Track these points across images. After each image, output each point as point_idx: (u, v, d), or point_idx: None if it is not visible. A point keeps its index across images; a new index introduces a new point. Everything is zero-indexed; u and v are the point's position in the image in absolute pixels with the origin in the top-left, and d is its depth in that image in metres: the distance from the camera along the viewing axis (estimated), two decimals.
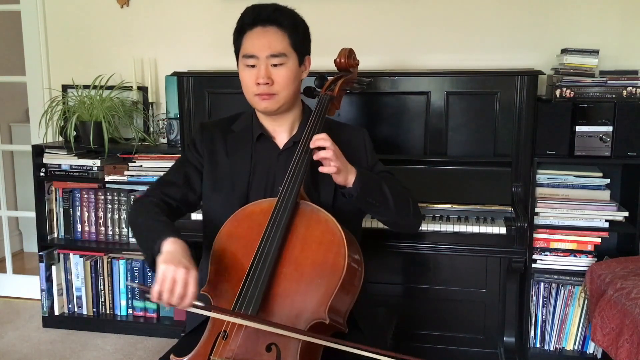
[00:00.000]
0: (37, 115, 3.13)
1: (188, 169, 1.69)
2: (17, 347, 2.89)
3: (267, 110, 1.60)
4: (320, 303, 1.37)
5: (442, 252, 2.37)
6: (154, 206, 1.56)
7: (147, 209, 1.55)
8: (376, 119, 2.57)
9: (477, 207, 2.40)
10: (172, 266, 1.30)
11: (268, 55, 1.55)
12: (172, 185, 1.65)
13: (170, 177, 1.68)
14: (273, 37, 1.56)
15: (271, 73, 1.56)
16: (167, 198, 1.62)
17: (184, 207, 1.68)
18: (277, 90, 1.57)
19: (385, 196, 1.57)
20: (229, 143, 1.68)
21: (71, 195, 3.04)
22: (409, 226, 1.69)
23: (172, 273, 1.29)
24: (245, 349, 1.36)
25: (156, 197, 1.61)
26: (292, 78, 1.58)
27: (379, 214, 1.62)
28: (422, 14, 2.81)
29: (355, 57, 1.77)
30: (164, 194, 1.62)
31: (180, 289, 1.28)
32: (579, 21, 2.69)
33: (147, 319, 3.03)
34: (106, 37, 3.14)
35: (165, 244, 1.38)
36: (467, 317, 2.68)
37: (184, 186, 1.66)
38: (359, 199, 1.52)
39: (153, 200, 1.59)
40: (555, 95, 2.47)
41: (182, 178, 1.67)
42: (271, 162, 1.65)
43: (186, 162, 1.70)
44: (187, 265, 1.32)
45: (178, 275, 1.29)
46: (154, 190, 1.64)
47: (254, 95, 1.59)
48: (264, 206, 1.51)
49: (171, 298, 1.29)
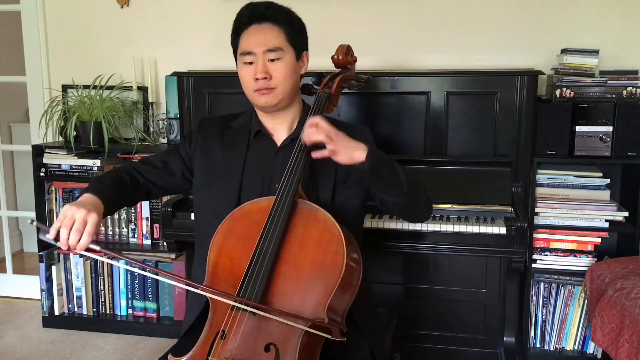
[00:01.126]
0: (37, 115, 3.13)
1: (171, 157, 1.74)
2: (17, 347, 2.89)
3: (267, 104, 1.60)
4: (319, 302, 1.37)
5: (442, 252, 2.37)
6: (114, 174, 1.65)
7: (108, 173, 1.66)
8: (376, 119, 2.57)
9: (477, 207, 2.40)
10: (75, 207, 1.39)
11: (264, 51, 1.57)
12: (149, 164, 1.72)
13: (152, 158, 1.75)
14: (269, 33, 1.58)
15: (269, 68, 1.57)
16: (136, 172, 1.69)
17: (154, 189, 1.73)
18: (275, 84, 1.58)
19: (398, 174, 1.52)
20: (225, 138, 1.69)
21: (71, 195, 3.04)
22: (420, 212, 1.64)
23: (72, 212, 1.38)
24: (243, 349, 1.36)
25: (125, 168, 1.69)
26: (290, 72, 1.59)
27: (393, 193, 1.54)
28: (422, 14, 2.81)
29: (353, 53, 1.76)
30: (136, 169, 1.70)
31: (78, 224, 1.36)
32: (579, 21, 2.69)
33: (147, 319, 3.03)
34: (106, 37, 3.14)
35: (83, 196, 1.49)
36: (467, 317, 2.68)
37: (160, 170, 1.71)
38: (372, 172, 1.47)
39: (121, 169, 1.68)
40: (555, 95, 2.47)
41: (162, 162, 1.72)
42: (268, 159, 1.65)
43: (174, 151, 1.75)
44: (89, 208, 1.40)
45: (77, 214, 1.37)
46: (129, 163, 1.74)
47: (253, 92, 1.60)
48: (262, 205, 1.50)
49: (69, 234, 1.35)
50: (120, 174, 1.65)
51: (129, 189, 1.65)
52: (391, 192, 1.54)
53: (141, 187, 1.69)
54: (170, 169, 1.72)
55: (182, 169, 1.72)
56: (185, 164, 1.72)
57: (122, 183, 1.63)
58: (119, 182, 1.62)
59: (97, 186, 1.54)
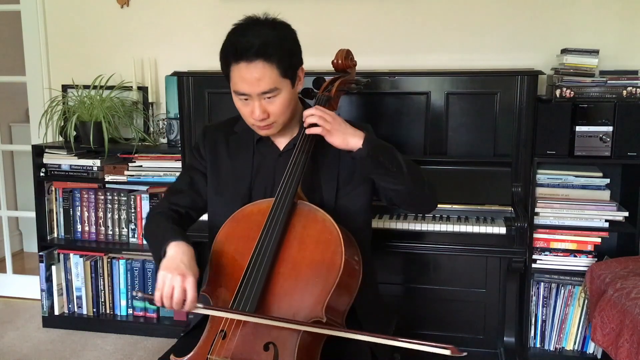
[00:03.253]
0: (37, 115, 3.13)
1: (193, 174, 1.72)
2: (17, 347, 2.89)
3: (268, 134, 1.61)
4: (317, 302, 1.37)
5: (442, 252, 2.37)
6: (162, 216, 1.62)
7: (156, 219, 1.62)
8: (376, 119, 2.57)
9: (477, 207, 2.40)
10: (169, 273, 1.36)
11: (259, 93, 1.49)
12: (179, 193, 1.70)
13: (177, 185, 1.74)
14: (260, 73, 1.46)
15: (266, 107, 1.51)
16: (174, 206, 1.67)
17: (194, 213, 1.72)
18: (274, 120, 1.55)
19: (397, 160, 1.51)
20: (231, 145, 1.69)
21: (71, 195, 3.04)
22: (425, 199, 1.63)
23: (170, 280, 1.35)
24: (243, 348, 1.37)
25: (164, 208, 1.66)
26: (288, 104, 1.54)
27: (394, 180, 1.53)
28: (422, 14, 2.81)
29: (352, 57, 1.77)
30: (171, 202, 1.68)
31: (178, 295, 1.35)
32: (579, 21, 2.69)
33: (147, 319, 3.03)
34: (106, 37, 3.14)
35: (168, 248, 1.43)
36: (467, 317, 2.68)
37: (190, 192, 1.70)
38: (371, 158, 1.47)
39: (162, 211, 1.65)
40: (555, 95, 2.47)
41: (188, 184, 1.71)
42: (272, 163, 1.65)
43: (190, 168, 1.74)
44: (183, 271, 1.37)
45: (175, 282, 1.35)
46: (162, 201, 1.71)
47: (252, 125, 1.58)
48: (262, 206, 1.51)
49: (172, 303, 1.35)
50: (169, 214, 1.63)
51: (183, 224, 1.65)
52: (392, 179, 1.53)
53: (186, 217, 1.69)
54: (196, 188, 1.71)
55: (205, 183, 1.71)
56: (205, 177, 1.71)
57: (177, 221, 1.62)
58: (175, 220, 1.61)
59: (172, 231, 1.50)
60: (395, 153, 1.53)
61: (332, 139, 1.48)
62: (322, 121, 1.47)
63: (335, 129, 1.47)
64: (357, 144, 1.47)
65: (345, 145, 1.48)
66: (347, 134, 1.48)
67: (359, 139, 1.47)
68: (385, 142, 1.56)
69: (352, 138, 1.47)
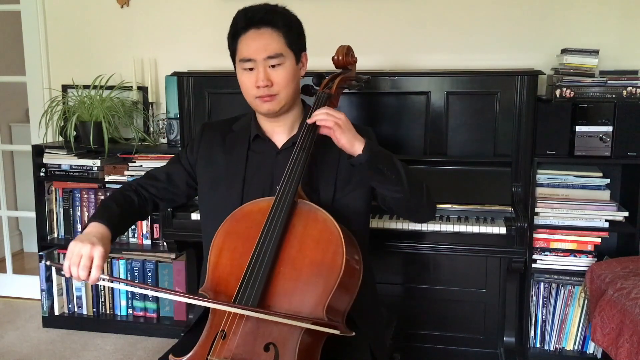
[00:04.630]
0: (37, 115, 3.13)
1: (173, 167, 1.76)
2: (17, 347, 2.89)
3: (270, 111, 1.60)
4: (318, 302, 1.37)
5: (442, 252, 2.37)
6: (119, 193, 1.68)
7: (112, 196, 1.67)
8: (376, 119, 2.57)
9: (477, 207, 2.40)
10: (79, 242, 1.43)
11: (265, 57, 1.54)
12: (153, 179, 1.75)
13: (155, 171, 1.77)
14: (268, 39, 1.54)
15: (270, 74, 1.55)
16: (141, 189, 1.72)
17: (162, 203, 1.76)
18: (277, 91, 1.56)
19: (397, 168, 1.52)
20: (227, 142, 1.70)
21: (71, 195, 3.04)
22: (422, 209, 1.63)
23: (78, 248, 1.42)
24: (243, 348, 1.36)
25: (131, 186, 1.72)
26: (291, 77, 1.58)
27: (392, 188, 1.53)
28: (422, 14, 2.81)
29: (353, 54, 1.76)
30: (140, 184, 1.73)
31: (85, 261, 1.40)
32: (579, 21, 2.69)
33: (147, 319, 3.03)
34: (106, 37, 3.14)
35: (89, 225, 1.52)
36: (467, 317, 2.68)
37: (164, 182, 1.74)
38: (369, 164, 1.48)
39: (125, 189, 1.70)
40: (555, 95, 2.47)
41: (165, 175, 1.74)
42: (270, 162, 1.65)
43: (175, 161, 1.77)
44: (93, 241, 1.44)
45: (83, 250, 1.41)
46: (136, 180, 1.76)
47: (254, 98, 1.59)
48: (262, 205, 1.50)
49: (79, 271, 1.40)
50: (127, 192, 1.69)
51: (136, 206, 1.68)
52: (391, 186, 1.53)
53: (148, 202, 1.72)
54: (173, 180, 1.74)
55: (185, 178, 1.74)
56: (188, 173, 1.73)
57: (128, 203, 1.66)
58: (125, 202, 1.65)
59: (102, 212, 1.57)
60: (394, 161, 1.54)
61: (340, 136, 1.48)
62: (334, 119, 1.47)
63: (345, 127, 1.48)
64: (359, 148, 1.47)
65: (351, 147, 1.48)
66: (354, 137, 1.49)
67: (361, 144, 1.48)
68: (385, 150, 1.56)
69: (356, 142, 1.48)
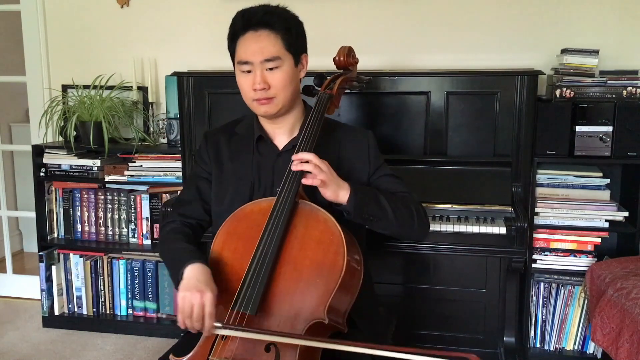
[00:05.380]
0: (37, 115, 3.13)
1: (198, 183, 1.71)
2: (17, 347, 2.89)
3: (266, 114, 1.60)
4: (319, 303, 1.37)
5: (442, 252, 2.36)
6: (174, 233, 1.62)
7: (168, 237, 1.62)
8: (376, 119, 2.57)
9: (477, 207, 2.40)
10: (187, 292, 1.37)
11: (262, 60, 1.54)
12: (187, 203, 1.70)
13: (184, 195, 1.73)
14: (265, 41, 1.53)
15: (267, 77, 1.54)
16: (185, 219, 1.67)
17: (206, 222, 1.72)
18: (274, 94, 1.56)
19: (384, 209, 1.54)
20: (232, 146, 1.69)
21: (71, 195, 3.04)
22: (414, 236, 1.66)
23: (188, 299, 1.36)
24: (244, 349, 1.36)
25: (175, 222, 1.66)
26: (289, 80, 1.57)
27: (380, 227, 1.58)
28: (422, 14, 2.81)
29: (354, 55, 1.77)
30: (181, 215, 1.68)
31: (197, 310, 1.35)
32: (579, 21, 2.69)
33: (147, 319, 3.03)
34: (106, 37, 3.14)
35: (185, 270, 1.43)
36: (467, 317, 2.68)
37: (198, 202, 1.70)
38: (355, 214, 1.50)
39: (173, 227, 1.65)
40: (555, 95, 2.47)
41: (195, 193, 1.70)
42: (271, 163, 1.65)
43: (195, 177, 1.73)
44: (200, 288, 1.37)
45: (194, 300, 1.35)
46: (172, 214, 1.70)
47: (252, 101, 1.59)
48: (263, 205, 1.51)
49: (193, 322, 1.36)
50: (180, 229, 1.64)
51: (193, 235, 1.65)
52: (379, 226, 1.57)
53: (196, 228, 1.69)
54: (203, 196, 1.70)
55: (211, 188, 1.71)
56: (211, 183, 1.71)
57: (187, 235, 1.62)
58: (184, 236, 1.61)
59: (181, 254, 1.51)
60: (379, 200, 1.55)
61: (324, 190, 1.48)
62: (318, 170, 1.46)
63: (330, 181, 1.47)
64: (344, 197, 1.49)
65: (336, 198, 1.49)
66: (339, 187, 1.49)
67: (346, 193, 1.49)
68: (369, 189, 1.58)
69: (341, 191, 1.49)
